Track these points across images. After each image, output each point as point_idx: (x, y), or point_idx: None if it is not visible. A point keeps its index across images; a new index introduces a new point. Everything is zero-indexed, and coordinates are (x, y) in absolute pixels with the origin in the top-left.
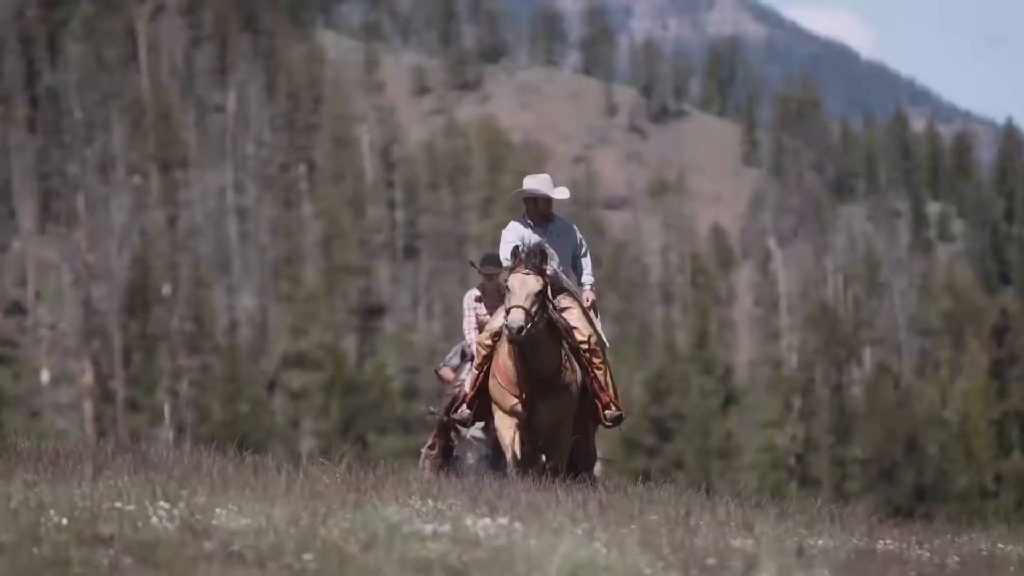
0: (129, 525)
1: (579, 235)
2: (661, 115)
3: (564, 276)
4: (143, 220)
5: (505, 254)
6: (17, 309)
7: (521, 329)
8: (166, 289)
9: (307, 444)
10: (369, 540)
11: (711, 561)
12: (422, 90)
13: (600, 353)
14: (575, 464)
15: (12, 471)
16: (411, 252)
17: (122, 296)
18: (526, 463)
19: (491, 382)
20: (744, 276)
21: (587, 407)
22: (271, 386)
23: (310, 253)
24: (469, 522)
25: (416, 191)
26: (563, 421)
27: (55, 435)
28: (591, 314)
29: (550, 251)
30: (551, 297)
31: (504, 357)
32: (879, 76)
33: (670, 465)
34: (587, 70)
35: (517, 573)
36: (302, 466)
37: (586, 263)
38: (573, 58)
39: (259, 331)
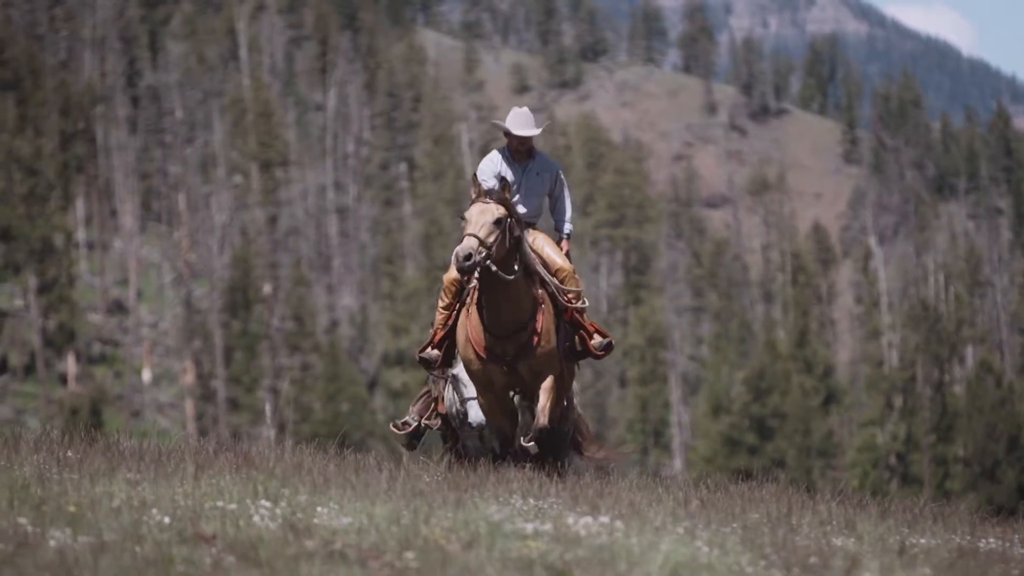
0: (231, 524)
1: (561, 175)
2: (761, 113)
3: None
4: (243, 219)
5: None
6: (119, 308)
7: (470, 256)
8: (267, 288)
9: None
10: (470, 539)
11: (813, 560)
12: (522, 88)
13: (573, 290)
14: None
15: (114, 470)
16: None
17: (223, 295)
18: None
19: (464, 345)
20: (844, 274)
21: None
22: (372, 385)
23: (410, 251)
24: (570, 520)
25: None
26: (544, 373)
27: (157, 434)
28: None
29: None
30: (520, 230)
31: (474, 314)
32: (980, 73)
33: (771, 464)
34: (687, 68)
35: (619, 571)
36: (403, 465)
37: (566, 207)
38: (673, 56)
39: (359, 330)
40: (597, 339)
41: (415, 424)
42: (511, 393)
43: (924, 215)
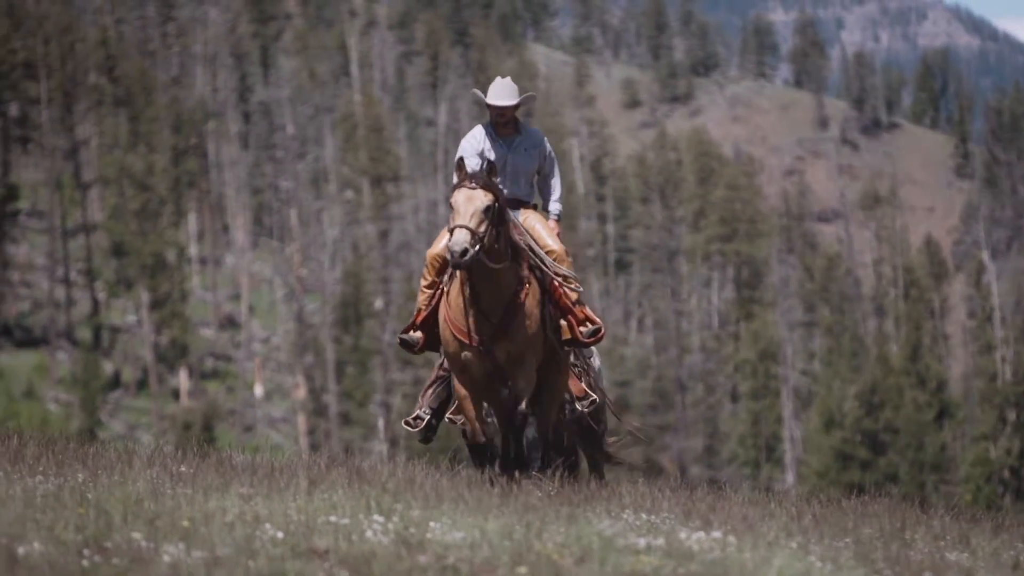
0: (344, 538)
1: (549, 149)
2: (873, 127)
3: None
4: (355, 234)
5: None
6: (231, 323)
7: (465, 252)
8: (378, 303)
9: None
10: (583, 554)
11: (927, 575)
12: (633, 103)
13: (566, 272)
14: (541, 402)
15: (227, 485)
16: (622, 265)
17: (334, 310)
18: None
19: (442, 327)
20: (957, 288)
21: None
22: None
23: None
24: (683, 535)
25: (627, 204)
26: (524, 356)
27: (269, 449)
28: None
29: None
30: (508, 216)
31: (454, 297)
32: None
33: (883, 478)
34: (798, 82)
35: None
36: (515, 479)
37: (555, 185)
38: (784, 70)
39: None
40: (587, 327)
41: (427, 418)
42: (493, 384)
43: None
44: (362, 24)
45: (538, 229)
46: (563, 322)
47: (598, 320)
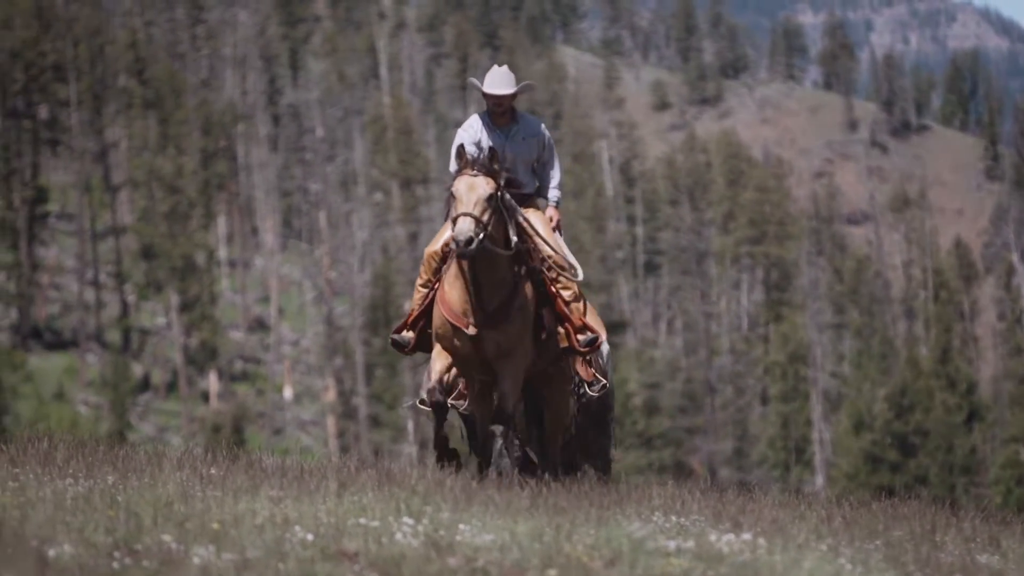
0: (374, 541)
1: (547, 136)
2: (902, 129)
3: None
4: (384, 236)
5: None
6: (260, 326)
7: (471, 240)
8: (407, 305)
9: None
10: (613, 556)
11: None
12: (662, 105)
13: (565, 271)
14: (544, 421)
15: (257, 487)
16: (652, 268)
17: (364, 312)
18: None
19: (435, 310)
20: (987, 291)
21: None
22: None
23: None
24: (713, 538)
25: (656, 206)
26: (514, 349)
27: (299, 451)
28: (556, 235)
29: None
30: (510, 204)
31: (450, 281)
32: None
33: (913, 481)
34: (827, 85)
35: None
36: (544, 481)
37: (553, 174)
38: (813, 73)
39: None
40: (585, 335)
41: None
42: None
43: None
44: (391, 26)
45: (535, 224)
46: (560, 329)
47: (597, 329)
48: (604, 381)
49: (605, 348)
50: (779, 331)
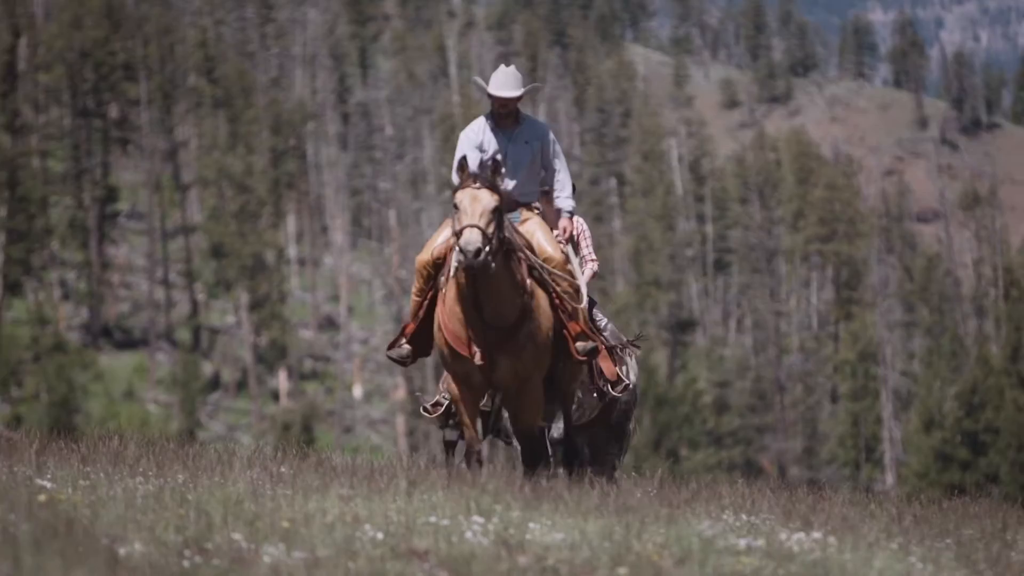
0: (444, 539)
1: (552, 140)
2: (972, 127)
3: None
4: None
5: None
6: (330, 324)
7: (479, 252)
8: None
9: None
10: (683, 555)
11: None
12: (731, 103)
13: (566, 278)
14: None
15: (327, 486)
16: (721, 266)
17: None
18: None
19: (437, 334)
20: None
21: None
22: None
23: (620, 267)
24: (783, 536)
25: (726, 205)
26: (531, 376)
27: (369, 450)
28: (568, 249)
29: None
30: (505, 215)
31: (451, 302)
32: None
33: (984, 479)
34: (897, 82)
35: None
36: (614, 480)
37: (563, 180)
38: (883, 70)
39: None
40: (584, 343)
41: (447, 403)
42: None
43: None
44: (460, 25)
45: (538, 236)
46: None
47: (596, 338)
48: (627, 382)
49: (610, 326)
50: (849, 329)
